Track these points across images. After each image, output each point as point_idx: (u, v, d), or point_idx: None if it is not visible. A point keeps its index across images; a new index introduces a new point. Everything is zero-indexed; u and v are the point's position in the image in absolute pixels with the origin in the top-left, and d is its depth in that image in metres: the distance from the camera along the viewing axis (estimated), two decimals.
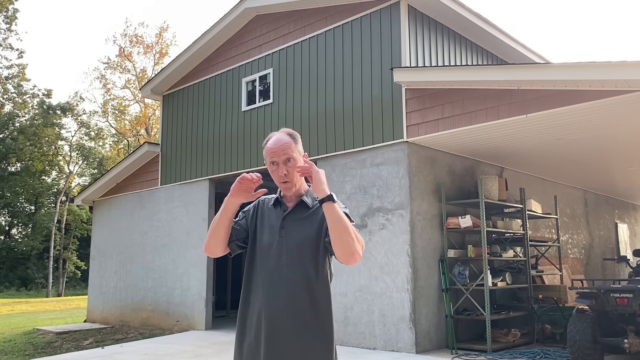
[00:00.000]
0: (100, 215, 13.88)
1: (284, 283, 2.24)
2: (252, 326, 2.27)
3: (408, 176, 7.75)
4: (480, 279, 7.80)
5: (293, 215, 2.34)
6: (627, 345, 6.01)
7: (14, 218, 34.50)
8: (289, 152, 2.30)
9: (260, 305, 2.26)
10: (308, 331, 2.22)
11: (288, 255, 2.26)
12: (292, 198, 2.39)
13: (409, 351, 7.41)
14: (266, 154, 2.35)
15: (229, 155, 10.63)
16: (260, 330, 2.24)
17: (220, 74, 11.18)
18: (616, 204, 15.16)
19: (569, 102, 6.29)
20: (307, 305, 2.23)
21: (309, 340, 2.21)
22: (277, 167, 2.31)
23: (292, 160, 2.31)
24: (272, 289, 2.24)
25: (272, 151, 2.31)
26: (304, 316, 2.22)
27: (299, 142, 2.38)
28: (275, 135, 2.36)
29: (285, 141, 2.32)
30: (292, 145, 2.33)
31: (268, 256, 2.29)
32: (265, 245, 2.31)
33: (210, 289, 10.76)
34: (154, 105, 34.27)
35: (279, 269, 2.26)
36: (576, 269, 11.52)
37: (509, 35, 9.81)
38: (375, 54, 8.37)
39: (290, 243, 2.27)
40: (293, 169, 2.30)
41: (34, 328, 12.59)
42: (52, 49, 62.70)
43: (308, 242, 2.27)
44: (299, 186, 2.36)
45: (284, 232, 2.30)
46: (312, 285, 2.26)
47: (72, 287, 34.64)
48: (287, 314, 2.21)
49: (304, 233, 2.29)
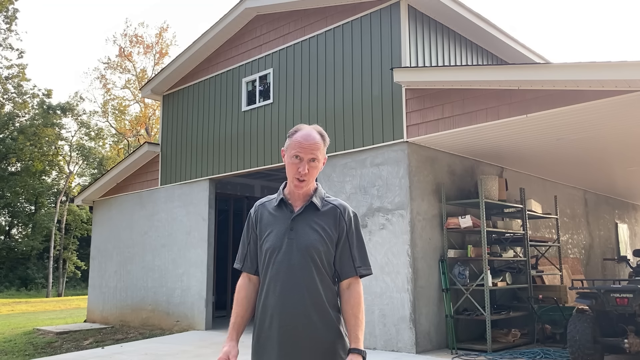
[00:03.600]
0: (100, 215, 13.88)
1: (296, 284, 2.21)
2: (268, 328, 2.25)
3: (408, 176, 7.75)
4: (480, 279, 7.80)
5: (302, 216, 2.29)
6: (627, 345, 6.01)
7: (14, 218, 34.49)
8: (316, 153, 2.26)
9: (273, 306, 2.23)
10: (322, 331, 2.20)
11: (299, 256, 2.22)
12: (298, 197, 2.34)
13: (409, 351, 7.42)
14: (292, 145, 2.28)
15: (229, 155, 10.63)
16: (275, 332, 2.21)
17: (220, 74, 11.18)
18: (616, 204, 15.16)
19: (569, 102, 6.30)
20: (320, 305, 2.21)
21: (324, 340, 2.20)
22: (300, 163, 2.25)
23: (317, 162, 2.27)
24: (284, 290, 2.22)
25: (302, 146, 2.25)
26: (318, 316, 2.20)
27: (327, 144, 2.34)
28: (306, 129, 2.30)
29: (316, 140, 2.27)
30: (321, 146, 2.29)
31: (277, 258, 2.25)
32: (273, 247, 2.27)
33: (210, 289, 10.76)
34: (154, 105, 34.27)
35: (290, 270, 2.22)
36: (576, 269, 11.51)
37: (509, 35, 9.81)
38: (375, 54, 8.37)
39: (300, 244, 2.24)
40: (315, 169, 2.27)
41: (34, 328, 12.59)
42: (52, 49, 62.72)
43: (319, 243, 2.24)
44: (310, 186, 2.33)
45: (293, 234, 2.26)
46: (325, 285, 2.24)
47: (72, 287, 34.64)
48: (301, 315, 2.19)
49: (315, 235, 2.25)
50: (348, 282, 2.28)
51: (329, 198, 2.38)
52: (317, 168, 2.29)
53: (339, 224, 2.29)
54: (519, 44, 10.11)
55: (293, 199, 2.34)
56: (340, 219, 2.30)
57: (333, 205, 2.33)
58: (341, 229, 2.29)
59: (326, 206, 2.32)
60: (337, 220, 2.30)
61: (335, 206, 2.33)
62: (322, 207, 2.31)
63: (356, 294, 2.25)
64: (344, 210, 2.33)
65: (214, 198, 11.11)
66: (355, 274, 2.28)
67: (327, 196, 2.39)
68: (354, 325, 2.20)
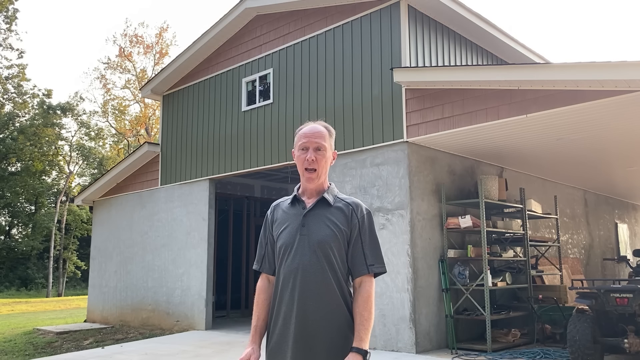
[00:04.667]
0: (100, 215, 13.88)
1: (308, 281, 2.21)
2: (282, 325, 2.25)
3: (408, 176, 7.75)
4: (480, 279, 7.80)
5: (314, 212, 2.30)
6: (627, 345, 6.00)
7: (14, 218, 34.49)
8: (321, 141, 2.29)
9: (287, 303, 2.23)
10: (331, 330, 2.20)
11: (311, 252, 2.23)
12: (312, 194, 2.35)
13: (409, 351, 7.42)
14: (298, 139, 2.33)
15: (229, 155, 10.63)
16: (288, 329, 2.22)
17: (220, 74, 11.18)
18: (616, 204, 15.16)
19: (569, 102, 6.29)
20: (335, 301, 2.21)
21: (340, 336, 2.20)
22: (306, 153, 2.29)
23: (323, 150, 2.29)
24: (297, 287, 2.22)
25: (306, 136, 2.30)
26: (328, 314, 2.20)
27: (333, 137, 2.38)
28: (310, 124, 2.35)
29: (320, 129, 2.32)
30: (326, 136, 2.33)
31: (290, 254, 2.26)
32: (286, 244, 2.28)
33: (210, 289, 10.77)
34: (154, 105, 34.27)
35: (303, 267, 2.22)
36: (576, 269, 11.51)
37: (509, 35, 9.81)
38: (375, 54, 8.37)
39: (312, 241, 2.24)
40: (322, 158, 2.29)
41: (34, 328, 12.59)
42: (52, 49, 62.72)
43: (331, 239, 2.24)
44: (322, 181, 2.34)
45: (305, 230, 2.26)
46: (339, 280, 2.24)
47: (72, 287, 34.64)
48: (316, 318, 2.19)
49: (327, 231, 2.25)
50: (360, 280, 2.27)
51: (341, 195, 2.40)
52: (325, 158, 2.30)
53: (351, 221, 2.30)
54: (519, 44, 10.11)
55: (306, 196, 2.36)
56: (352, 216, 2.30)
57: (346, 203, 2.34)
58: (353, 226, 2.29)
59: (339, 203, 2.34)
60: (350, 217, 2.30)
61: (348, 203, 2.34)
62: (334, 204, 2.32)
63: (365, 292, 2.24)
64: (357, 207, 2.33)
65: (214, 198, 11.11)
66: (367, 272, 2.27)
67: (340, 194, 2.41)
68: (358, 324, 2.20)
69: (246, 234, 13.61)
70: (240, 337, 9.50)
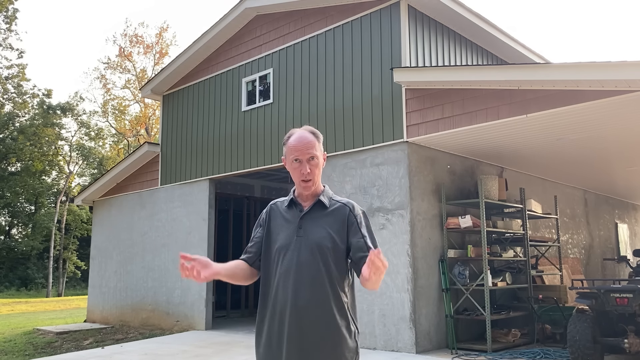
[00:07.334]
0: (100, 215, 13.88)
1: (306, 282, 2.23)
2: (272, 327, 2.26)
3: (408, 176, 7.75)
4: (480, 279, 7.80)
5: (310, 215, 2.34)
6: (627, 345, 6.00)
7: (14, 218, 34.50)
8: (312, 151, 2.30)
9: (281, 305, 2.24)
10: (332, 329, 2.21)
11: (307, 254, 2.25)
12: (308, 198, 2.38)
13: (409, 351, 7.41)
14: (289, 151, 2.34)
15: (229, 155, 10.63)
16: (283, 331, 2.22)
17: (220, 74, 11.18)
18: (616, 204, 15.16)
19: (569, 102, 6.29)
20: (331, 303, 2.23)
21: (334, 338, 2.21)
22: (300, 165, 2.31)
23: (316, 159, 2.32)
24: (294, 288, 2.23)
25: (297, 149, 2.30)
26: (328, 314, 2.21)
27: (321, 141, 2.39)
28: (297, 132, 2.35)
29: (309, 139, 2.32)
30: (316, 144, 2.34)
31: (286, 256, 2.28)
32: (282, 245, 2.31)
33: (210, 289, 10.76)
34: (154, 105, 34.27)
35: (299, 269, 2.24)
36: (576, 269, 11.51)
37: (509, 35, 9.81)
38: (375, 54, 8.37)
39: (309, 242, 2.27)
40: (316, 167, 2.32)
41: (34, 328, 12.59)
42: (52, 49, 62.72)
43: (327, 240, 2.27)
44: (317, 185, 2.37)
45: (302, 232, 2.30)
46: (334, 282, 2.26)
47: (72, 287, 34.64)
48: (310, 313, 2.20)
49: (323, 232, 2.28)
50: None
51: (336, 197, 2.43)
52: (318, 165, 2.34)
53: (347, 220, 2.33)
54: (519, 44, 10.11)
55: (302, 199, 2.40)
56: (349, 215, 2.34)
57: (341, 204, 2.38)
58: (350, 223, 2.32)
59: (334, 205, 2.37)
60: (346, 217, 2.33)
61: (343, 204, 2.37)
62: (330, 206, 2.36)
63: None
64: (353, 207, 2.37)
65: (214, 198, 11.11)
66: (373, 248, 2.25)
67: (334, 196, 2.44)
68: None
69: (246, 234, 13.61)
70: (240, 337, 9.50)
